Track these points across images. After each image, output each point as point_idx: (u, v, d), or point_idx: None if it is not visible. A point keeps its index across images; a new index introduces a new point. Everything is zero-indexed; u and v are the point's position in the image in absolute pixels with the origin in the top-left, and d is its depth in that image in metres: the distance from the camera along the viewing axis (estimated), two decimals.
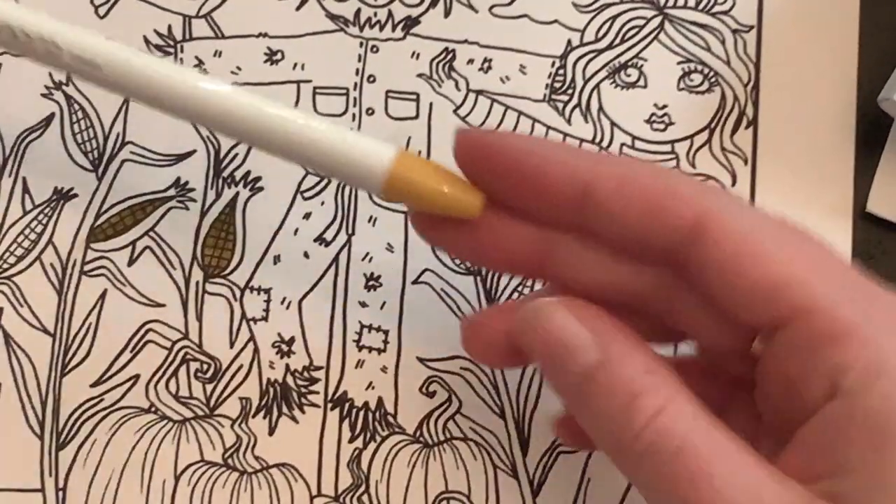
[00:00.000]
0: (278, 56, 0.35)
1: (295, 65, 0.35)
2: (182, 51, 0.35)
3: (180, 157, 0.34)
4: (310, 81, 0.35)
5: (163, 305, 0.33)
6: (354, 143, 0.26)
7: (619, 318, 0.26)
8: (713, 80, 0.35)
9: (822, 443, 0.23)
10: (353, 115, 0.34)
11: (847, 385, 0.23)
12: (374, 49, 0.35)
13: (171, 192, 0.34)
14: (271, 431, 0.33)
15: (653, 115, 0.35)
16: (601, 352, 0.25)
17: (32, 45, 0.28)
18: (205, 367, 0.33)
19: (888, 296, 0.25)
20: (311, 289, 0.34)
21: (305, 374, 0.33)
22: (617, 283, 0.27)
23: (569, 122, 0.35)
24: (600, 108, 0.35)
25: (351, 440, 0.33)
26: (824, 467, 0.23)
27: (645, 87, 0.35)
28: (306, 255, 0.34)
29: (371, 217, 0.34)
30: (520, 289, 0.34)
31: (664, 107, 0.35)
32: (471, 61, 0.35)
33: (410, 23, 0.35)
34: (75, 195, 0.34)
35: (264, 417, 0.33)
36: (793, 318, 0.24)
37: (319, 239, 0.34)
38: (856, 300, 0.24)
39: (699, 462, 0.23)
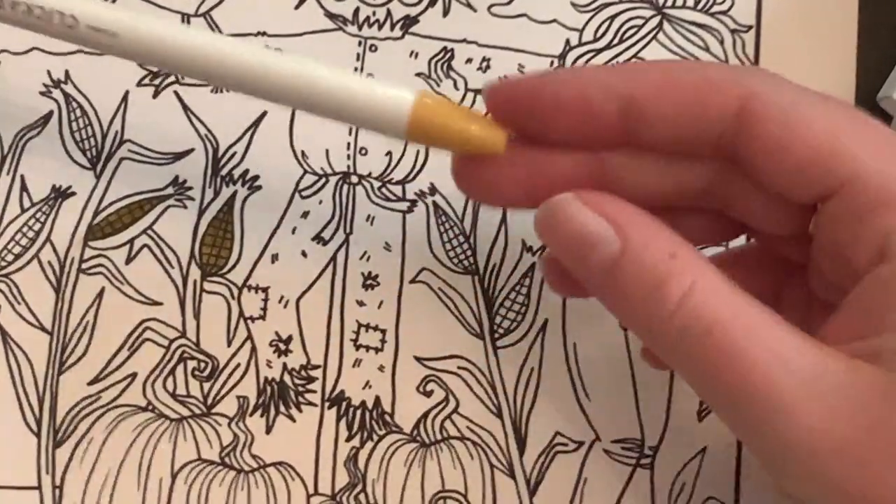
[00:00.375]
0: None
1: None
2: None
3: (178, 156, 0.34)
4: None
5: (160, 304, 0.33)
6: (373, 89, 0.27)
7: (680, 221, 0.27)
8: None
9: (867, 305, 0.24)
10: None
11: (894, 248, 0.23)
12: (373, 48, 0.35)
13: (170, 190, 0.34)
14: (268, 430, 0.33)
15: None
16: (621, 240, 0.25)
17: (49, 20, 0.28)
18: (202, 365, 0.33)
19: None
20: (309, 287, 0.34)
21: (303, 372, 0.33)
22: (673, 187, 0.27)
23: None
24: None
25: (348, 439, 0.33)
26: (867, 328, 0.23)
27: None
28: (304, 253, 0.34)
29: (369, 216, 0.34)
30: (517, 288, 0.34)
31: None
32: (469, 60, 0.35)
33: (409, 22, 0.35)
34: (73, 193, 0.34)
35: (261, 416, 0.33)
36: (840, 187, 0.24)
37: (317, 238, 0.34)
38: None
39: (730, 338, 0.23)
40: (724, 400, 0.24)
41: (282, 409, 0.33)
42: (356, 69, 0.35)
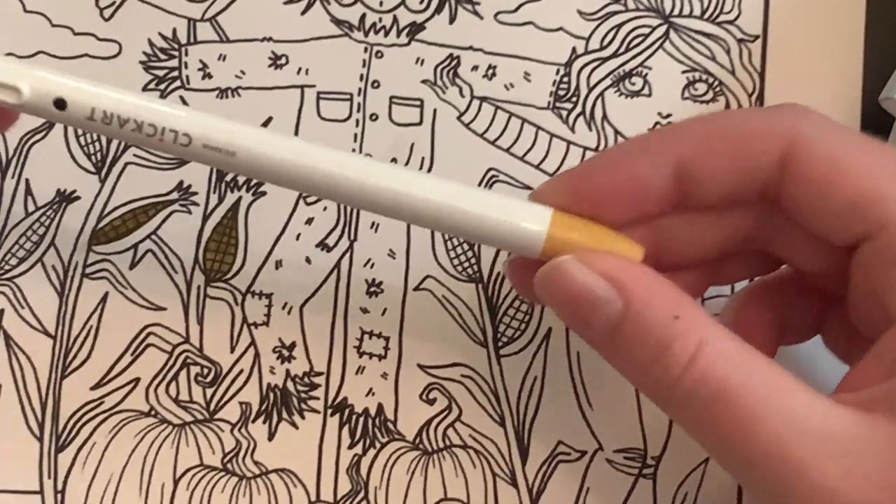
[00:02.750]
0: (283, 60, 0.35)
1: (299, 69, 0.35)
2: (186, 54, 0.35)
3: (183, 161, 0.34)
4: (314, 86, 0.35)
5: (164, 309, 0.33)
6: (509, 209, 0.26)
7: (723, 264, 0.27)
8: (717, 89, 0.35)
9: (892, 352, 0.23)
10: (357, 121, 0.34)
11: None
12: (379, 54, 0.35)
13: (174, 195, 0.34)
14: (271, 436, 0.33)
15: (657, 123, 0.35)
16: (623, 300, 0.24)
17: (161, 137, 0.26)
18: (205, 371, 0.33)
19: None
20: (313, 294, 0.34)
21: (306, 379, 0.33)
22: (722, 238, 0.27)
23: (572, 130, 0.35)
24: (604, 117, 0.35)
25: (350, 446, 0.33)
26: (888, 373, 0.23)
27: (649, 95, 0.35)
28: (308, 260, 0.34)
29: (373, 223, 0.34)
30: (521, 297, 0.34)
31: (668, 116, 0.35)
32: (475, 68, 0.35)
33: (415, 29, 0.35)
34: (78, 197, 0.34)
35: (264, 422, 0.33)
36: (877, 231, 0.24)
37: (321, 244, 0.34)
38: None
39: (740, 403, 0.23)
40: (735, 463, 0.24)
41: (284, 415, 0.33)
42: (362, 76, 0.35)
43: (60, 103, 0.26)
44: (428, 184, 0.26)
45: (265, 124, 0.34)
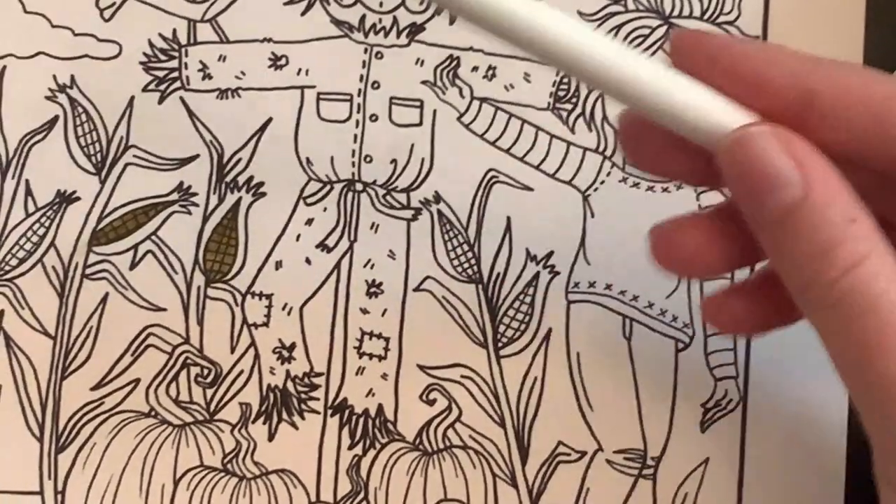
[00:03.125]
0: (283, 61, 0.35)
1: (299, 70, 0.35)
2: (187, 55, 0.35)
3: (183, 162, 0.34)
4: (314, 87, 0.35)
5: (164, 310, 0.33)
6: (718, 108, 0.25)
7: None
8: None
9: None
10: (357, 122, 0.34)
11: None
12: (379, 55, 0.35)
13: (174, 196, 0.34)
14: (271, 437, 0.33)
15: None
16: (805, 189, 0.24)
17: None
18: (205, 371, 0.33)
19: None
20: (313, 295, 0.34)
21: (306, 380, 0.33)
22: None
23: (572, 130, 0.35)
24: (604, 118, 0.35)
25: (350, 447, 0.33)
26: None
27: None
28: (308, 261, 0.34)
29: (373, 224, 0.34)
30: (521, 297, 0.34)
31: None
32: (475, 69, 0.35)
33: (415, 29, 0.35)
34: (78, 198, 0.34)
35: (264, 423, 0.33)
36: None
37: (321, 245, 0.34)
38: None
39: (888, 325, 0.23)
40: (863, 381, 0.24)
41: (284, 416, 0.33)
42: (362, 77, 0.35)
43: None
44: (648, 64, 0.25)
45: (265, 125, 0.34)
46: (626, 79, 0.25)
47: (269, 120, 0.34)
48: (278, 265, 0.34)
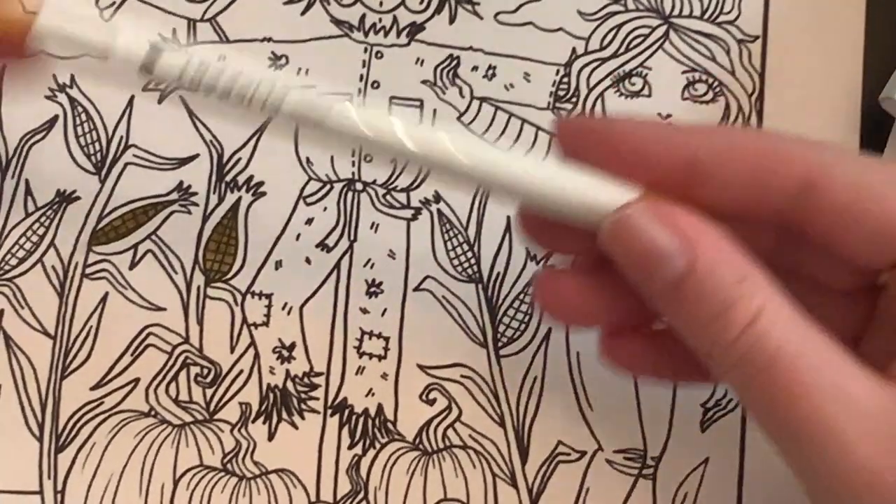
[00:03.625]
0: (282, 61, 0.35)
1: (299, 70, 0.35)
2: None
3: (183, 161, 0.34)
4: (313, 87, 0.34)
5: (164, 309, 0.33)
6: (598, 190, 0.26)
7: None
8: (717, 89, 0.35)
9: None
10: None
11: None
12: (379, 55, 0.35)
13: (174, 196, 0.34)
14: (271, 437, 0.33)
15: None
16: (690, 259, 0.24)
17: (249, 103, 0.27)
18: (205, 371, 0.33)
19: None
20: (313, 294, 0.34)
21: (305, 379, 0.33)
22: None
23: None
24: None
25: (350, 447, 0.33)
26: None
27: (649, 96, 0.35)
28: (308, 260, 0.34)
29: (373, 223, 0.34)
30: (521, 297, 0.34)
31: (668, 116, 0.35)
32: (475, 68, 0.35)
33: (415, 29, 0.35)
34: (78, 198, 0.34)
35: (264, 423, 0.33)
36: None
37: (321, 245, 0.34)
38: None
39: (793, 373, 0.23)
40: (779, 432, 0.24)
41: (284, 416, 0.33)
42: (362, 77, 0.35)
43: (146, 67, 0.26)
44: (516, 163, 0.26)
45: (264, 126, 0.34)
46: (509, 180, 0.26)
47: (269, 120, 0.34)
48: (278, 265, 0.34)
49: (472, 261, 0.34)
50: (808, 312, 0.24)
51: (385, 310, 0.34)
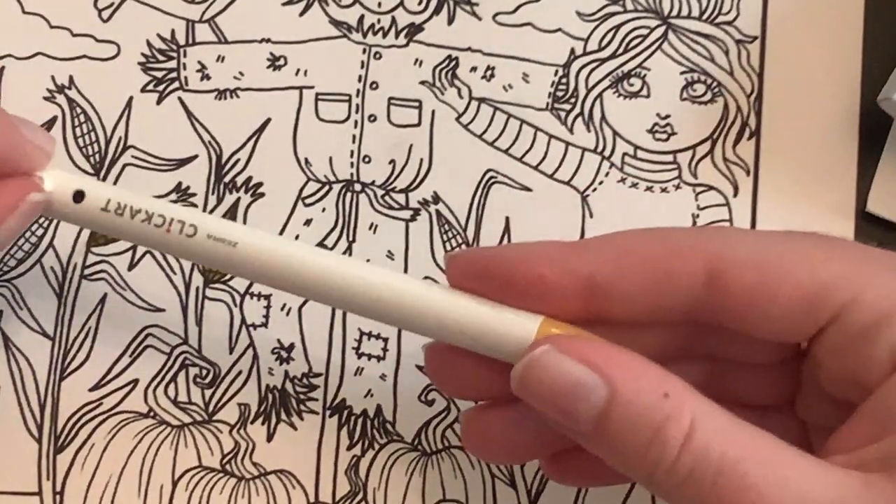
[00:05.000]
0: (281, 62, 0.35)
1: (297, 70, 0.35)
2: (185, 55, 0.35)
3: (182, 162, 0.34)
4: (312, 87, 0.35)
5: (162, 310, 0.33)
6: (498, 320, 0.26)
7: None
8: (716, 90, 0.35)
9: (882, 411, 0.23)
10: (356, 122, 0.34)
11: None
12: (378, 56, 0.35)
13: (173, 196, 0.34)
14: (269, 438, 0.33)
15: (655, 125, 0.35)
16: (609, 386, 0.23)
17: (168, 227, 0.27)
18: (204, 372, 0.33)
19: None
20: None
21: (304, 380, 0.33)
22: (652, 352, 0.25)
23: (571, 131, 0.35)
24: (603, 118, 0.35)
25: (349, 447, 0.33)
26: (881, 432, 0.23)
27: (648, 96, 0.35)
28: None
29: (372, 224, 0.34)
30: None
31: (667, 117, 0.35)
32: (474, 69, 0.35)
33: (414, 30, 0.35)
34: None
35: (263, 424, 0.33)
36: (837, 316, 0.24)
37: (320, 245, 0.34)
38: (890, 272, 0.24)
39: (743, 478, 0.22)
40: None
41: (283, 416, 0.33)
42: (360, 77, 0.35)
43: (79, 195, 0.27)
44: (422, 292, 0.26)
45: (263, 126, 0.34)
46: (418, 314, 0.26)
47: (268, 120, 0.34)
48: None
49: None
50: (732, 412, 0.24)
51: None
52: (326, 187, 0.34)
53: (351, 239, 0.34)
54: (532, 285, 0.25)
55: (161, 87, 0.34)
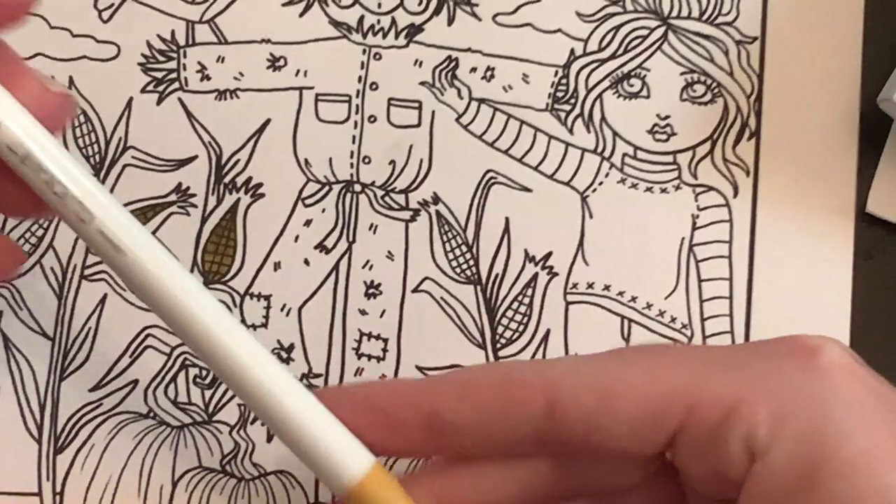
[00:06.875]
0: (281, 62, 0.35)
1: (297, 71, 0.35)
2: (185, 56, 0.35)
3: (182, 163, 0.34)
4: (312, 88, 0.35)
5: None
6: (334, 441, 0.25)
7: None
8: (716, 91, 0.35)
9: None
10: (355, 123, 0.34)
11: (760, 445, 0.23)
12: (377, 56, 0.35)
13: (172, 197, 0.34)
14: (269, 438, 0.33)
15: (655, 125, 0.35)
16: None
17: (65, 204, 0.24)
18: (204, 372, 0.33)
19: (754, 346, 0.25)
20: (311, 296, 0.34)
21: (304, 381, 0.33)
22: (515, 491, 0.26)
23: (571, 131, 0.35)
24: (602, 118, 0.35)
25: None
26: None
27: (648, 97, 0.35)
28: (307, 262, 0.34)
29: (372, 225, 0.34)
30: (519, 298, 0.34)
31: (667, 117, 0.35)
32: (474, 70, 0.35)
33: (414, 30, 0.35)
34: None
35: (263, 424, 0.33)
36: (685, 422, 0.24)
37: (320, 246, 0.34)
38: (730, 369, 0.24)
39: None
40: None
41: None
42: (360, 78, 0.35)
43: None
44: (282, 381, 0.25)
45: (263, 126, 0.34)
46: (265, 398, 0.25)
47: (268, 121, 0.34)
48: (277, 266, 0.34)
49: (471, 262, 0.34)
50: None
51: (384, 311, 0.34)
52: (326, 188, 0.34)
53: (351, 239, 0.34)
54: (381, 420, 0.26)
55: (161, 88, 0.34)
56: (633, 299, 0.34)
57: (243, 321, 0.33)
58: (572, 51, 0.35)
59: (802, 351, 0.24)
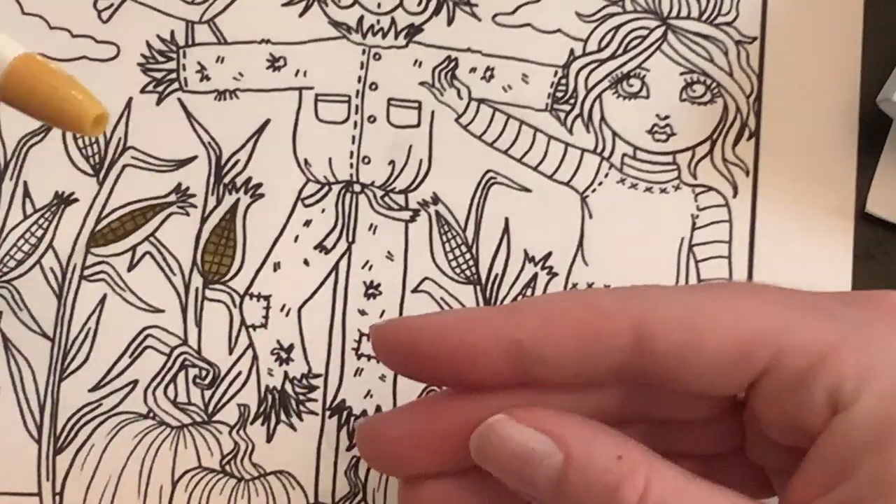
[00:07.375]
0: (280, 62, 0.35)
1: (297, 71, 0.35)
2: (185, 56, 0.35)
3: (181, 163, 0.34)
4: (312, 88, 0.35)
5: (162, 311, 0.33)
6: None
7: None
8: (716, 91, 0.35)
9: (831, 457, 0.23)
10: (355, 123, 0.34)
11: (845, 397, 0.23)
12: (377, 56, 0.35)
13: (172, 197, 0.34)
14: (269, 438, 0.33)
15: (655, 125, 0.35)
16: (564, 452, 0.24)
17: None
18: (203, 373, 0.33)
19: (844, 296, 0.25)
20: (311, 296, 0.34)
21: (304, 381, 0.33)
22: (589, 415, 0.26)
23: (570, 131, 0.35)
24: (602, 118, 0.35)
25: (349, 448, 0.33)
26: (834, 479, 0.23)
27: (647, 97, 0.35)
28: (306, 262, 0.34)
29: (371, 225, 0.34)
30: (520, 298, 0.34)
31: (666, 117, 0.35)
32: (473, 70, 0.35)
33: (413, 31, 0.35)
34: (76, 200, 0.34)
35: (262, 424, 0.33)
36: (769, 365, 0.24)
37: (319, 246, 0.34)
38: (821, 317, 0.24)
39: None
40: None
41: (283, 417, 0.33)
42: (360, 78, 0.35)
43: None
44: None
45: (263, 126, 0.34)
46: None
47: (268, 121, 0.34)
48: (276, 266, 0.34)
49: (471, 262, 0.34)
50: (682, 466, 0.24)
51: (383, 311, 0.34)
52: (326, 188, 0.34)
53: (350, 240, 0.34)
54: (460, 353, 0.25)
55: (161, 88, 0.34)
56: None
57: (243, 321, 0.33)
58: (572, 51, 0.35)
59: (893, 309, 0.24)
